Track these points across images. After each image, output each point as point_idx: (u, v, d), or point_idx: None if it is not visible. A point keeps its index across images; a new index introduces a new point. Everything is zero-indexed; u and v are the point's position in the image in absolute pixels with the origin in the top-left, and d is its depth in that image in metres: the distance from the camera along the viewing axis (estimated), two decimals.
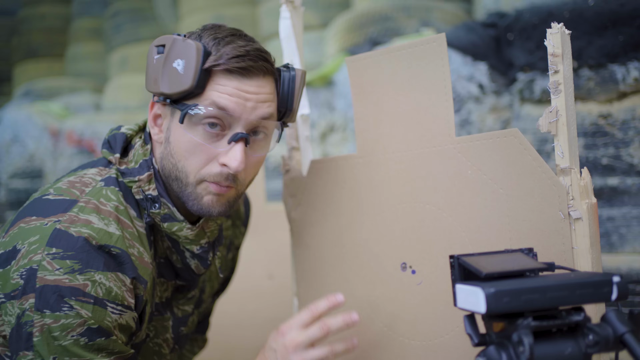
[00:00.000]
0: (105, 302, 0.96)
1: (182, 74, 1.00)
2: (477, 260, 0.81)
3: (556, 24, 0.98)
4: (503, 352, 0.74)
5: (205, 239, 1.10)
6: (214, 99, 1.00)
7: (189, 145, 1.03)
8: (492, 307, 0.72)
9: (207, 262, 1.12)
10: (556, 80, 0.96)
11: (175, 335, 1.19)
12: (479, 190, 1.03)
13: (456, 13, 2.98)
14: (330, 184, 1.22)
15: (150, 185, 1.07)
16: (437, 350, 1.07)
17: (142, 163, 1.08)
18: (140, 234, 1.06)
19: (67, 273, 0.94)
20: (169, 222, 1.07)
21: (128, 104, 3.89)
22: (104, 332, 0.97)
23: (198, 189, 1.04)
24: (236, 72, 1.01)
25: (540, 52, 2.13)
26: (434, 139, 1.08)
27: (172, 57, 1.01)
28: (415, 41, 1.09)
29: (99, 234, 0.98)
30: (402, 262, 1.12)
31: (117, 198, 1.04)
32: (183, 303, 1.21)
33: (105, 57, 5.27)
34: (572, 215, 0.94)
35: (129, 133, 1.13)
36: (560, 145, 0.95)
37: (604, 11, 1.97)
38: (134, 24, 4.98)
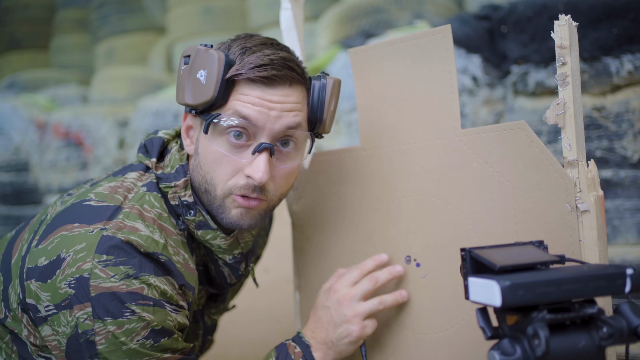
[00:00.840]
0: (163, 302, 0.98)
1: (204, 85, 0.99)
2: (490, 253, 0.81)
3: (563, 16, 0.98)
4: (517, 345, 0.74)
5: (238, 249, 1.10)
6: (236, 109, 0.99)
7: (214, 156, 1.02)
8: (508, 300, 0.72)
9: (238, 272, 1.13)
10: (564, 72, 0.96)
11: (202, 343, 1.21)
12: (485, 183, 1.03)
13: (448, 5, 2.98)
14: (332, 176, 1.21)
15: (186, 192, 1.05)
16: (442, 343, 1.07)
17: (179, 168, 1.07)
18: (183, 242, 1.05)
19: (123, 279, 0.95)
20: (203, 230, 1.06)
21: (116, 96, 3.84)
22: (167, 332, 0.98)
23: (226, 202, 1.03)
24: (259, 81, 0.99)
25: (535, 45, 2.14)
26: (439, 131, 1.08)
27: (195, 67, 1.01)
28: (419, 32, 1.09)
29: (147, 242, 0.98)
30: (406, 255, 1.12)
31: (160, 205, 1.04)
32: (214, 313, 1.22)
33: (91, 49, 5.20)
34: (579, 208, 0.94)
35: (165, 137, 1.12)
36: (568, 138, 0.95)
37: (599, 4, 1.97)
38: (121, 15, 4.92)
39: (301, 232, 1.26)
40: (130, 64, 4.62)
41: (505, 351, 0.74)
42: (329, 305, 1.08)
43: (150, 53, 4.69)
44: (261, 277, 1.92)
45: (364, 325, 1.06)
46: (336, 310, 1.07)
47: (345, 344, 1.06)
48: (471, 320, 1.04)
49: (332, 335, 1.06)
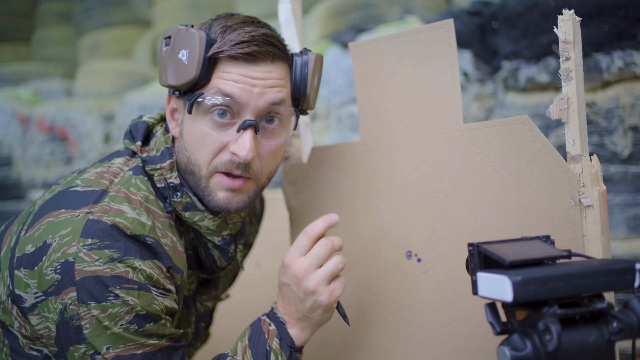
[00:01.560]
0: (148, 286, 0.96)
1: (186, 64, 0.98)
2: (498, 247, 0.80)
3: (567, 11, 0.97)
4: (527, 340, 0.74)
5: (227, 230, 1.09)
6: (219, 87, 0.99)
7: (198, 136, 1.01)
8: (519, 295, 0.72)
9: (228, 254, 1.11)
10: (567, 67, 0.96)
11: (195, 330, 1.19)
12: (487, 178, 1.02)
13: (437, 1, 2.98)
14: (332, 171, 1.21)
15: (172, 173, 1.05)
16: (443, 338, 1.07)
17: (164, 151, 1.06)
18: (171, 224, 1.04)
19: (107, 263, 0.93)
20: (190, 212, 1.05)
21: (101, 89, 3.79)
22: (152, 317, 0.96)
23: (211, 183, 1.02)
24: (241, 58, 0.99)
25: (526, 41, 2.14)
26: (441, 126, 1.07)
27: (177, 47, 1.00)
28: (421, 27, 1.08)
29: (133, 224, 0.97)
30: (407, 250, 1.11)
31: (146, 188, 1.03)
32: (207, 299, 1.20)
33: (74, 42, 5.14)
34: (583, 203, 0.94)
35: (150, 121, 1.11)
36: (572, 133, 0.95)
37: (590, 1, 1.98)
38: (105, 8, 4.86)
39: (299, 228, 1.25)
40: (114, 58, 4.57)
41: (516, 346, 0.74)
42: (288, 282, 1.02)
43: (135, 47, 4.64)
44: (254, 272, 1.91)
45: (330, 290, 1.00)
46: (296, 285, 1.01)
47: (319, 314, 1.01)
48: (473, 315, 1.04)
49: (302, 309, 1.01)
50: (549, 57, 2.09)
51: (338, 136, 2.54)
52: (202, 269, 1.13)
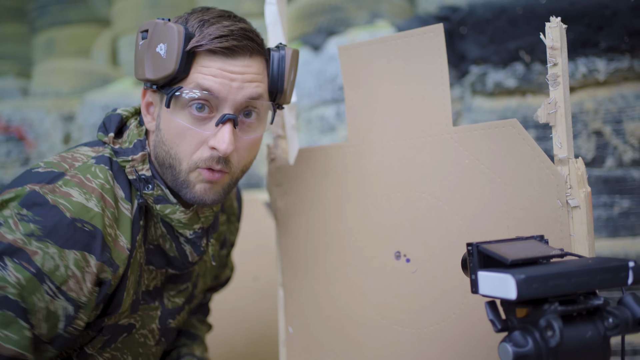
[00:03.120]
0: (45, 277, 0.92)
1: (164, 58, 0.98)
2: (498, 247, 0.82)
3: (554, 18, 1.01)
4: (528, 336, 0.76)
5: (199, 224, 1.08)
6: (198, 81, 0.99)
7: (177, 130, 1.01)
8: (523, 293, 0.74)
9: (200, 248, 1.10)
10: (555, 73, 0.99)
11: (162, 327, 1.16)
12: (476, 179, 1.05)
13: (403, 5, 3.02)
14: (318, 172, 1.21)
15: (144, 166, 1.04)
16: (432, 337, 1.09)
17: (137, 143, 1.06)
18: (122, 216, 1.02)
19: (25, 235, 0.91)
20: (162, 204, 1.05)
21: (60, 89, 3.70)
22: (20, 309, 0.90)
23: (191, 177, 1.02)
24: (220, 52, 0.99)
25: (493, 46, 2.20)
26: (430, 128, 1.09)
27: (154, 41, 1.00)
28: (411, 31, 1.10)
29: (75, 207, 0.95)
30: (395, 250, 1.13)
31: (104, 176, 1.01)
32: (175, 295, 1.18)
33: (28, 39, 5.00)
34: (570, 204, 0.97)
35: (124, 114, 1.11)
36: (559, 136, 0.98)
37: (555, 9, 2.05)
38: (62, 6, 4.74)
39: (286, 229, 1.26)
40: (71, 57, 4.47)
41: (517, 343, 0.76)
42: None
43: (93, 46, 4.54)
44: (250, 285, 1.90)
45: None
46: None
47: None
48: (461, 314, 1.06)
49: None
50: (516, 63, 2.15)
51: (307, 138, 2.55)
52: (172, 265, 1.12)
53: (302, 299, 1.23)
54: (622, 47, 1.96)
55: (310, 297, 1.22)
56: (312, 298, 1.22)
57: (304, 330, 1.23)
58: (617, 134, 2.00)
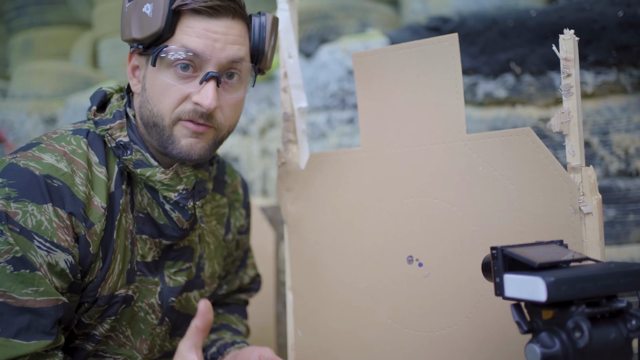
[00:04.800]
0: (32, 234, 0.97)
1: (151, 17, 1.03)
2: (523, 251, 0.85)
3: (568, 30, 1.04)
4: (555, 338, 0.78)
5: (182, 184, 1.10)
6: (183, 42, 1.04)
7: (161, 87, 1.06)
8: (553, 295, 0.76)
9: (187, 212, 1.12)
10: (568, 83, 1.02)
11: (164, 305, 1.16)
12: (489, 186, 1.07)
13: (391, 15, 3.06)
14: (331, 177, 1.22)
15: (121, 132, 1.09)
16: (444, 340, 1.11)
17: (116, 113, 1.11)
18: (96, 179, 1.06)
19: (3, 198, 0.96)
20: (142, 168, 1.08)
21: (41, 91, 3.65)
22: (28, 264, 0.96)
23: (175, 131, 1.07)
24: (204, 12, 1.04)
25: (484, 57, 2.24)
26: (444, 135, 1.11)
27: (141, 2, 1.05)
28: (426, 40, 1.12)
29: (44, 167, 1.00)
30: (408, 255, 1.14)
31: (77, 143, 1.06)
32: (176, 273, 1.18)
33: (4, 40, 4.91)
34: (583, 210, 1.00)
35: (108, 91, 1.16)
36: (572, 145, 1.01)
37: (545, 22, 2.10)
38: (40, 7, 4.67)
39: (296, 233, 1.26)
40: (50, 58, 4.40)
41: (545, 344, 0.78)
42: None
43: (72, 48, 4.49)
44: None
45: None
46: None
47: None
48: (474, 317, 1.08)
49: None
50: (506, 74, 2.20)
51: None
52: (164, 234, 1.14)
53: (312, 302, 1.24)
54: (609, 60, 2.02)
55: (321, 300, 1.23)
56: (322, 302, 1.23)
57: (314, 334, 1.24)
58: (603, 145, 2.06)
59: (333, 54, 2.44)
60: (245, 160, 2.73)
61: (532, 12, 2.17)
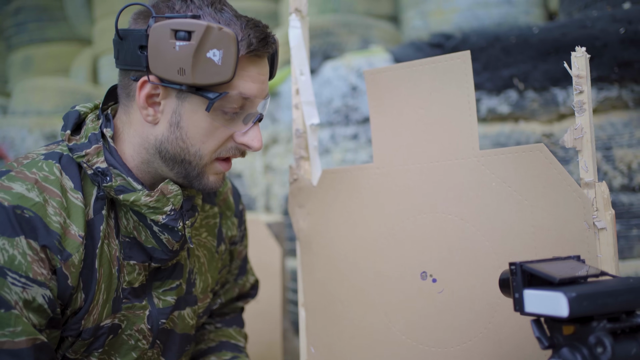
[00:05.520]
0: (5, 270, 0.91)
1: (219, 66, 0.96)
2: (542, 266, 0.85)
3: (580, 48, 1.05)
4: (577, 353, 0.79)
5: (169, 205, 1.04)
6: (240, 89, 1.00)
7: (208, 129, 1.01)
8: (575, 311, 0.76)
9: (177, 233, 1.06)
10: (581, 100, 1.03)
11: (153, 327, 1.12)
12: (503, 202, 1.08)
13: (392, 32, 3.09)
14: (343, 193, 1.23)
15: (98, 158, 1.02)
16: (458, 356, 1.11)
17: (91, 137, 1.03)
18: (72, 206, 1.00)
19: None
20: (124, 194, 1.02)
21: (42, 107, 3.65)
22: (3, 303, 0.90)
23: (207, 169, 1.05)
24: (256, 56, 1.02)
25: (487, 73, 2.26)
26: (457, 151, 1.12)
27: (206, 46, 0.95)
28: (439, 57, 1.13)
29: (14, 197, 0.94)
30: (422, 271, 1.15)
31: (49, 169, 1.00)
32: (165, 293, 1.13)
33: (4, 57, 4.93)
34: (597, 225, 1.01)
35: (82, 111, 1.09)
36: (585, 160, 1.02)
37: (548, 39, 2.13)
38: (40, 24, 4.71)
39: (309, 249, 1.27)
40: (50, 75, 4.42)
41: (567, 359, 0.79)
42: None
43: (72, 64, 4.51)
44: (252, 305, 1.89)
45: None
46: None
47: None
48: (489, 333, 1.08)
49: None
50: (509, 90, 2.22)
51: None
52: (152, 257, 1.09)
53: (325, 319, 1.24)
54: (611, 77, 2.04)
55: (334, 317, 1.23)
56: (335, 318, 1.23)
57: (327, 350, 1.24)
58: (606, 160, 2.07)
59: (337, 71, 2.46)
60: (248, 176, 2.74)
61: (534, 29, 2.19)
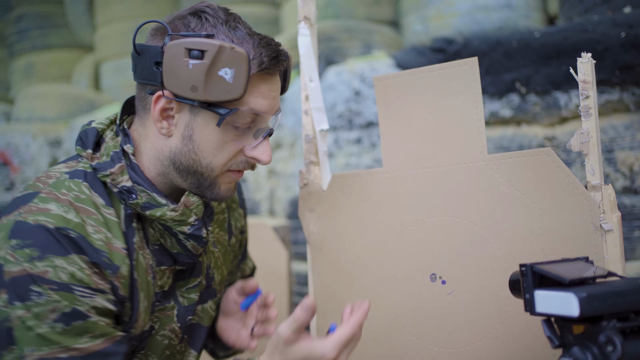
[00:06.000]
0: (70, 287, 0.95)
1: (231, 84, 0.98)
2: (552, 268, 0.87)
3: (586, 54, 1.07)
4: (587, 352, 0.81)
5: (192, 216, 1.08)
6: (251, 105, 1.02)
7: (219, 143, 1.04)
8: (585, 310, 0.79)
9: (202, 240, 1.10)
10: (587, 105, 1.05)
11: (183, 325, 1.17)
12: (511, 204, 1.10)
13: (393, 37, 3.11)
14: (353, 197, 1.25)
15: (123, 177, 1.05)
16: (469, 357, 1.13)
17: (113, 155, 1.06)
18: (109, 221, 1.03)
19: (27, 262, 0.94)
20: (151, 210, 1.05)
21: (45, 114, 3.67)
22: (80, 314, 0.95)
23: (219, 180, 1.07)
24: (267, 73, 1.03)
25: (489, 78, 2.29)
26: (465, 156, 1.15)
27: (218, 65, 0.98)
28: (446, 64, 1.16)
29: (56, 219, 0.97)
30: (431, 273, 1.17)
31: (78, 189, 1.03)
32: (188, 291, 1.18)
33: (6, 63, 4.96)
34: (604, 227, 1.03)
35: (100, 127, 1.11)
36: (592, 164, 1.05)
37: (549, 43, 2.15)
38: (42, 31, 4.73)
39: (319, 253, 1.29)
40: (52, 81, 4.45)
41: (577, 358, 0.81)
42: None
43: (74, 70, 4.53)
44: None
45: None
46: None
47: None
48: (498, 334, 1.10)
49: None
50: (511, 94, 2.24)
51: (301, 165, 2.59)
52: (177, 261, 1.13)
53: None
54: (613, 80, 2.07)
55: None
56: None
57: None
58: (608, 163, 2.10)
59: (340, 76, 2.48)
60: (252, 181, 2.76)
61: (535, 33, 2.22)
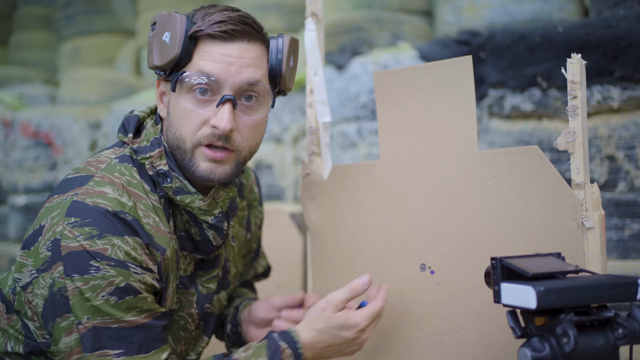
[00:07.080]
0: (126, 264, 1.04)
1: (169, 45, 1.08)
2: (520, 262, 0.91)
3: (575, 55, 1.10)
4: (546, 343, 0.85)
5: (218, 208, 1.16)
6: (199, 67, 1.09)
7: (183, 112, 1.11)
8: (542, 303, 0.83)
9: (222, 232, 1.18)
10: (574, 105, 1.08)
11: (200, 312, 1.25)
12: (498, 200, 1.14)
13: (423, 27, 3.12)
14: (351, 188, 1.31)
15: (161, 161, 1.13)
16: (453, 344, 1.18)
17: (153, 141, 1.15)
18: (155, 206, 1.12)
19: (87, 239, 1.02)
20: (181, 195, 1.13)
21: (87, 97, 3.82)
22: (132, 290, 1.04)
23: (195, 155, 1.12)
24: (219, 37, 1.08)
25: (512, 71, 2.29)
26: (457, 151, 1.18)
27: (161, 30, 1.10)
28: (442, 61, 1.20)
29: (113, 203, 1.06)
30: (421, 263, 1.22)
31: (130, 173, 1.12)
32: (208, 281, 1.26)
33: (54, 47, 5.14)
34: (585, 225, 1.06)
35: (141, 115, 1.20)
36: (577, 163, 1.07)
37: (572, 38, 2.14)
38: (88, 16, 4.88)
39: (318, 240, 1.35)
40: (96, 65, 4.59)
41: (536, 348, 0.85)
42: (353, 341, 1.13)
43: (117, 55, 4.67)
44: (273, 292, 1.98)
45: None
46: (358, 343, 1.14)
47: None
48: (480, 324, 1.15)
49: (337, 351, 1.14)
50: (533, 88, 2.24)
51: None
52: (198, 249, 1.21)
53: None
54: (636, 76, 2.05)
55: None
56: None
57: None
58: (629, 160, 2.09)
59: (364, 67, 2.52)
60: (278, 167, 2.83)
61: (559, 28, 2.21)
